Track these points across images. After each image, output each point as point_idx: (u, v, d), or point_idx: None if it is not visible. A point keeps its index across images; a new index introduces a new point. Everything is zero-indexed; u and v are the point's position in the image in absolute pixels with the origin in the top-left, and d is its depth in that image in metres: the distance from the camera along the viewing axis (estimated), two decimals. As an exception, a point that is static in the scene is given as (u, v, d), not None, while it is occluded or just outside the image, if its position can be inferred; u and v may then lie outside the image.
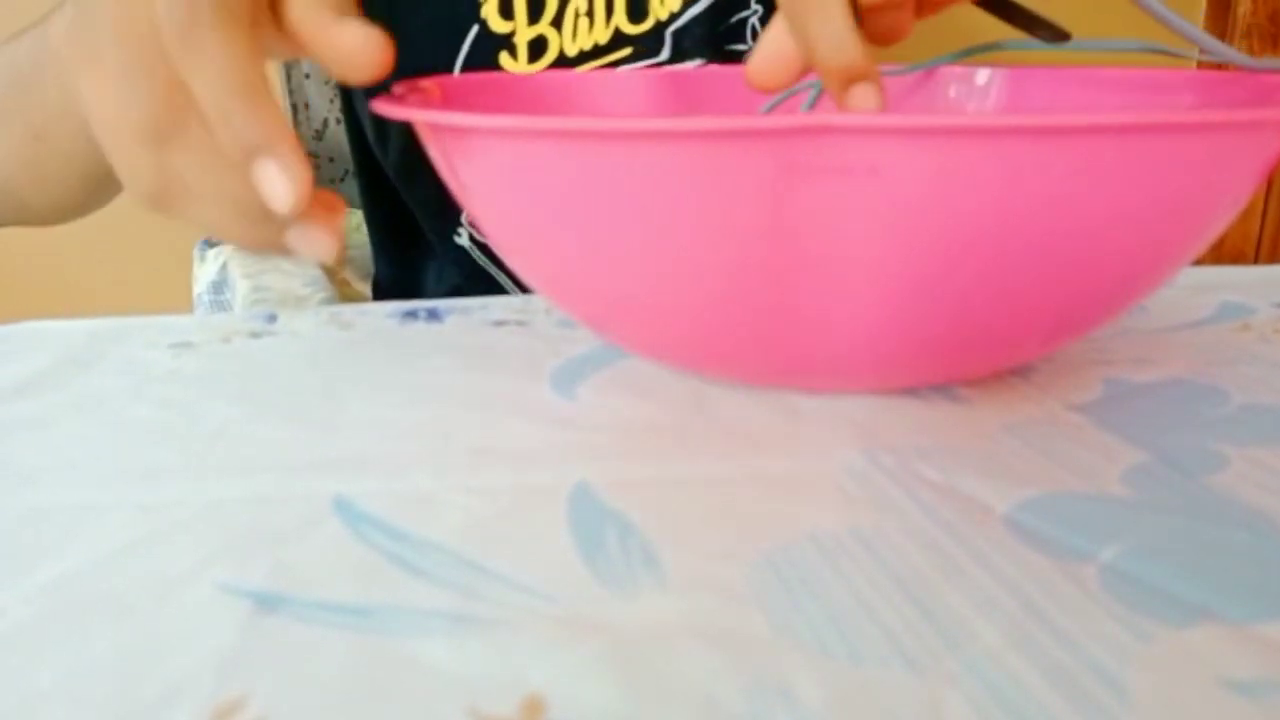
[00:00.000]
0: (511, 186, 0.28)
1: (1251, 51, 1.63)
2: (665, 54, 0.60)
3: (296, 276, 0.73)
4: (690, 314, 0.29)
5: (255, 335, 0.39)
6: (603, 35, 0.59)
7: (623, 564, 0.23)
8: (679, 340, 0.31)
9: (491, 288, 0.64)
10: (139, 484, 0.27)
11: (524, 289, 0.61)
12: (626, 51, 0.59)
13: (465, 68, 0.58)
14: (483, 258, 0.63)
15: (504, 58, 0.58)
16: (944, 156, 0.24)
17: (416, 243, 0.69)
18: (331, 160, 0.92)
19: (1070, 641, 0.20)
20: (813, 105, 0.43)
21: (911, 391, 0.32)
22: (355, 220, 0.87)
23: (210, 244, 0.74)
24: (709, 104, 0.45)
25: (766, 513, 0.25)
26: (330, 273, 0.78)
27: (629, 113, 0.44)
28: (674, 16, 0.60)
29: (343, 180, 0.92)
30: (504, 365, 0.35)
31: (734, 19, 0.61)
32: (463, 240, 0.63)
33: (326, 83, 0.90)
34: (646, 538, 0.24)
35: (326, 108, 0.84)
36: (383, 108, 0.29)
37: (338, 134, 0.91)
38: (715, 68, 0.60)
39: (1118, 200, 0.25)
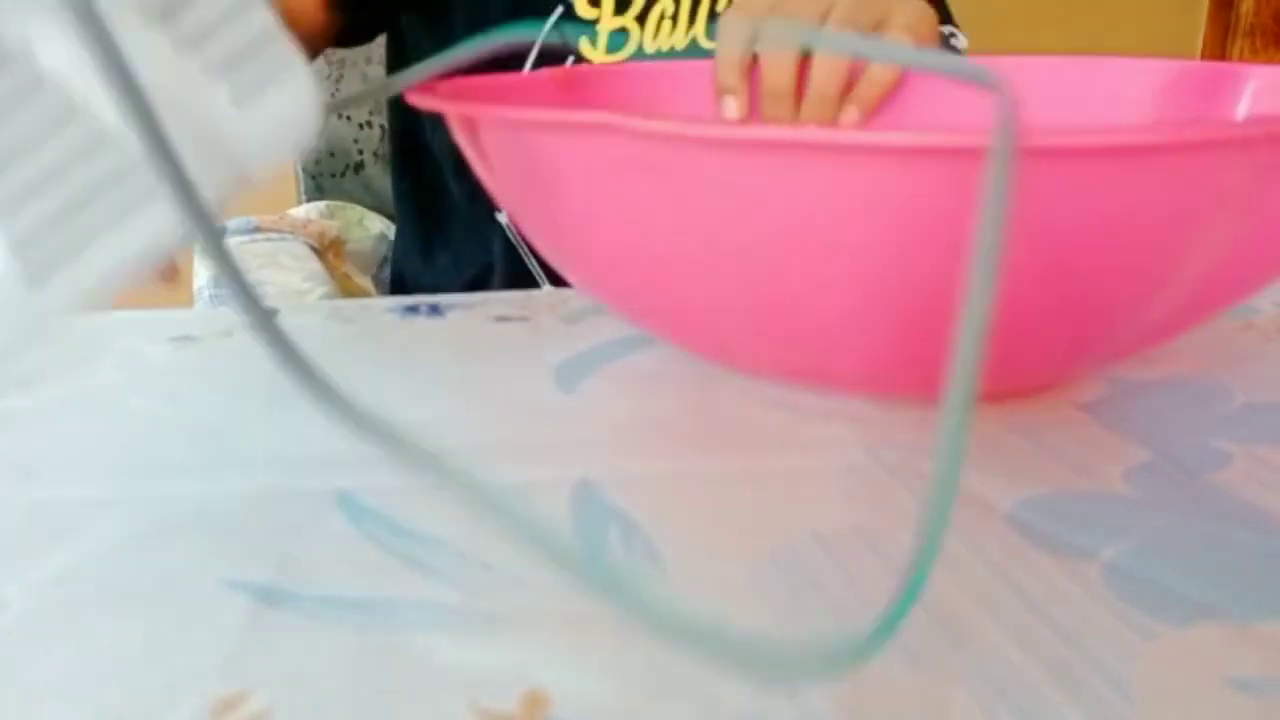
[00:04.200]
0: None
1: (1255, 51, 1.63)
2: None
3: (296, 271, 0.73)
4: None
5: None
6: (680, 40, 0.60)
7: (625, 560, 0.23)
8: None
9: (518, 267, 0.64)
10: (141, 478, 0.27)
11: (550, 272, 0.61)
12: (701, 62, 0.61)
13: (542, 49, 0.58)
14: (516, 237, 0.64)
15: (583, 43, 0.59)
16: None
17: (445, 220, 0.69)
18: (332, 155, 0.92)
19: (1074, 639, 0.20)
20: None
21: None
22: (357, 215, 0.87)
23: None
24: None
25: (769, 510, 0.25)
26: (330, 267, 0.78)
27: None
28: None
29: (343, 175, 0.92)
30: (506, 361, 0.35)
31: None
32: (502, 217, 0.64)
33: (328, 77, 0.90)
34: (649, 535, 0.24)
35: (328, 101, 0.84)
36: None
37: (339, 128, 0.91)
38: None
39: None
